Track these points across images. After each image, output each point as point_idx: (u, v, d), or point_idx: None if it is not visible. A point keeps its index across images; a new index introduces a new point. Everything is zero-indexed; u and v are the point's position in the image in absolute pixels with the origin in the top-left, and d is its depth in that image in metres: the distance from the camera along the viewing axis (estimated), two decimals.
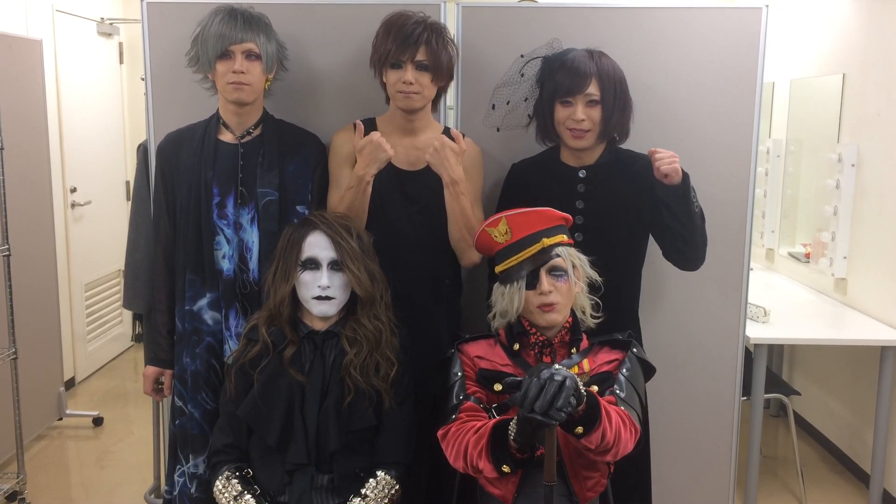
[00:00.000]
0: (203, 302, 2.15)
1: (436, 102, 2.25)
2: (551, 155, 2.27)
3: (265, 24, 2.13)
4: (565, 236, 1.92)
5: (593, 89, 2.09)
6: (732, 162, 2.46)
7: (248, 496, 1.90)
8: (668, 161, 2.00)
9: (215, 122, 2.19)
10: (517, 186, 2.27)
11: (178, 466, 2.21)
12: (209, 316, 2.15)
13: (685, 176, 2.03)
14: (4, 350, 3.06)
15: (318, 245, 1.97)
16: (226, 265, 2.14)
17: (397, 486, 1.96)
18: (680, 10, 2.41)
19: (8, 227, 3.01)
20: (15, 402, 3.11)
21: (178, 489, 2.20)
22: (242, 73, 2.06)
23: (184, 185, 2.16)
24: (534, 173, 2.27)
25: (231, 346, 2.14)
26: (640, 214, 2.19)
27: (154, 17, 2.41)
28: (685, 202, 2.06)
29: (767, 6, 2.41)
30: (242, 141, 2.17)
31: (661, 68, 2.40)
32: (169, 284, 2.22)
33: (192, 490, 2.17)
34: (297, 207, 2.17)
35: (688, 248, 2.15)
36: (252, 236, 2.14)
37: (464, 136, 2.25)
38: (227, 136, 2.17)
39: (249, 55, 2.08)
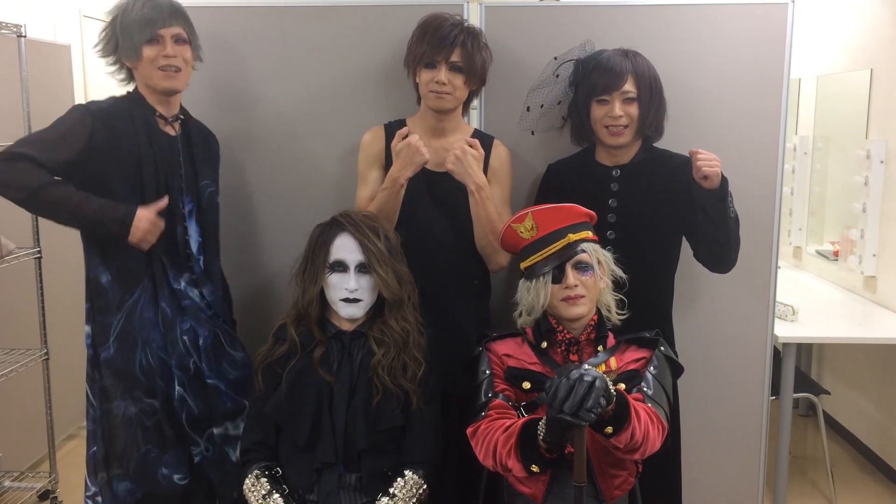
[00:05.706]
0: (183, 281, 2.14)
1: (466, 105, 2.26)
2: (586, 155, 2.28)
3: (187, 16, 2.09)
4: (590, 233, 1.92)
5: (630, 86, 2.10)
6: (759, 159, 2.43)
7: (277, 495, 1.92)
8: (709, 163, 1.99)
9: (150, 110, 2.09)
10: (553, 186, 2.28)
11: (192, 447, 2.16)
12: (194, 293, 2.16)
13: (724, 180, 2.02)
14: (36, 351, 3.10)
15: (346, 248, 1.98)
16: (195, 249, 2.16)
17: (425, 486, 1.97)
18: (706, 7, 2.40)
19: (39, 230, 3.06)
20: (46, 402, 3.15)
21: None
22: (173, 56, 2.03)
23: (145, 170, 2.05)
24: (569, 173, 2.28)
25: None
26: (673, 214, 2.18)
27: None
28: (722, 206, 2.04)
29: (794, 1, 2.38)
30: (179, 132, 2.15)
31: (687, 65, 2.39)
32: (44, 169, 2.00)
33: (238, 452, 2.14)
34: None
35: (720, 252, 2.14)
36: (191, 229, 2.15)
37: (493, 138, 2.26)
38: (164, 125, 2.13)
39: (178, 39, 2.05)
